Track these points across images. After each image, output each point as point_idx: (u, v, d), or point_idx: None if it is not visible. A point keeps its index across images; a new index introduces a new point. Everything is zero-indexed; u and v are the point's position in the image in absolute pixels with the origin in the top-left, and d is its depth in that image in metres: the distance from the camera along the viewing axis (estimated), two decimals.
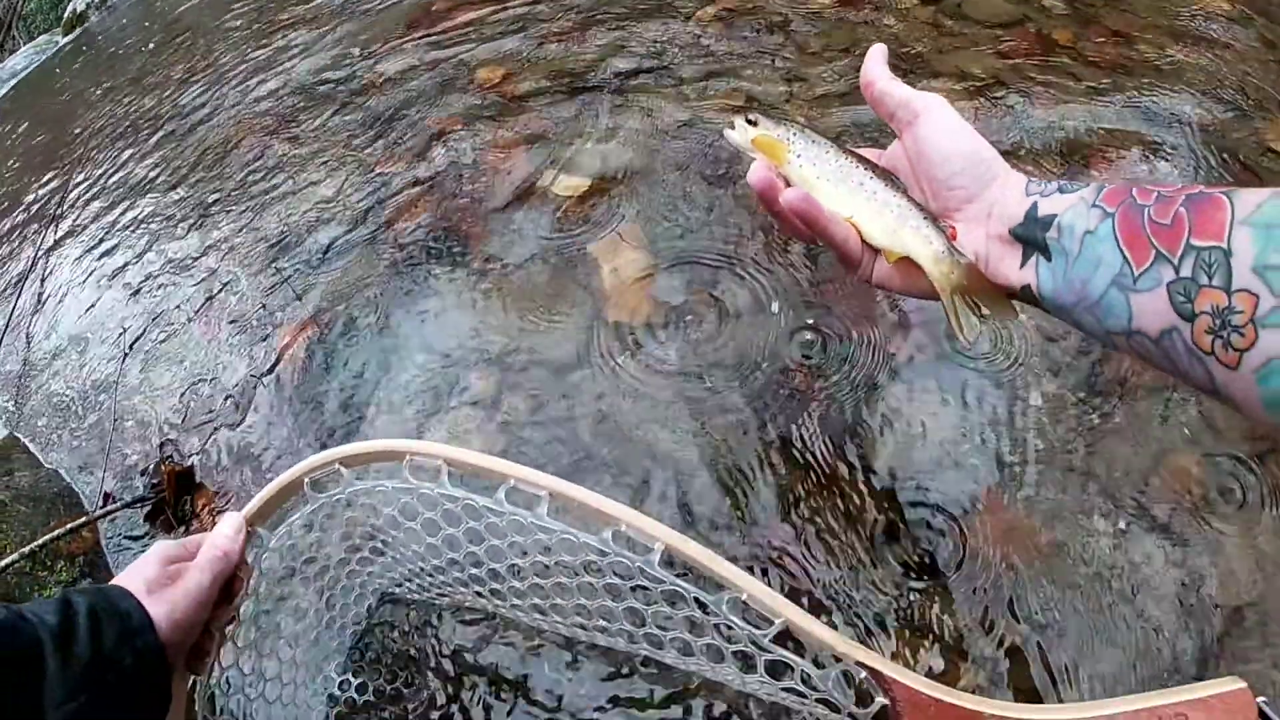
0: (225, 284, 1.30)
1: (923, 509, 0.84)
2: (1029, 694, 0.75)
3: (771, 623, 0.58)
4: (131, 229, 1.58)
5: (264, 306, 1.22)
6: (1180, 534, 0.82)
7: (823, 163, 0.62)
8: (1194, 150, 1.15)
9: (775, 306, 1.01)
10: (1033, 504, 0.84)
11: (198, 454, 1.14)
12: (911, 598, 0.80)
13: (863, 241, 0.62)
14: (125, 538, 1.13)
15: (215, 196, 1.48)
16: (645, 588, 0.64)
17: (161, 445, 1.19)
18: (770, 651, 0.60)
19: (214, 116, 1.76)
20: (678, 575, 0.60)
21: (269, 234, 1.33)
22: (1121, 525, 0.82)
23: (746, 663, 0.65)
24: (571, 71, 1.39)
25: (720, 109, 1.25)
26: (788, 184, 0.63)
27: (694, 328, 1.00)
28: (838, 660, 0.58)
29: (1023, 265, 0.55)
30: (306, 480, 0.68)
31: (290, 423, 1.08)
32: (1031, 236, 0.54)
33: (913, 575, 0.81)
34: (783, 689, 0.64)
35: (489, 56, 1.50)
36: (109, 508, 1.14)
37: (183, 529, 1.10)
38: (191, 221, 1.49)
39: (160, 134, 1.82)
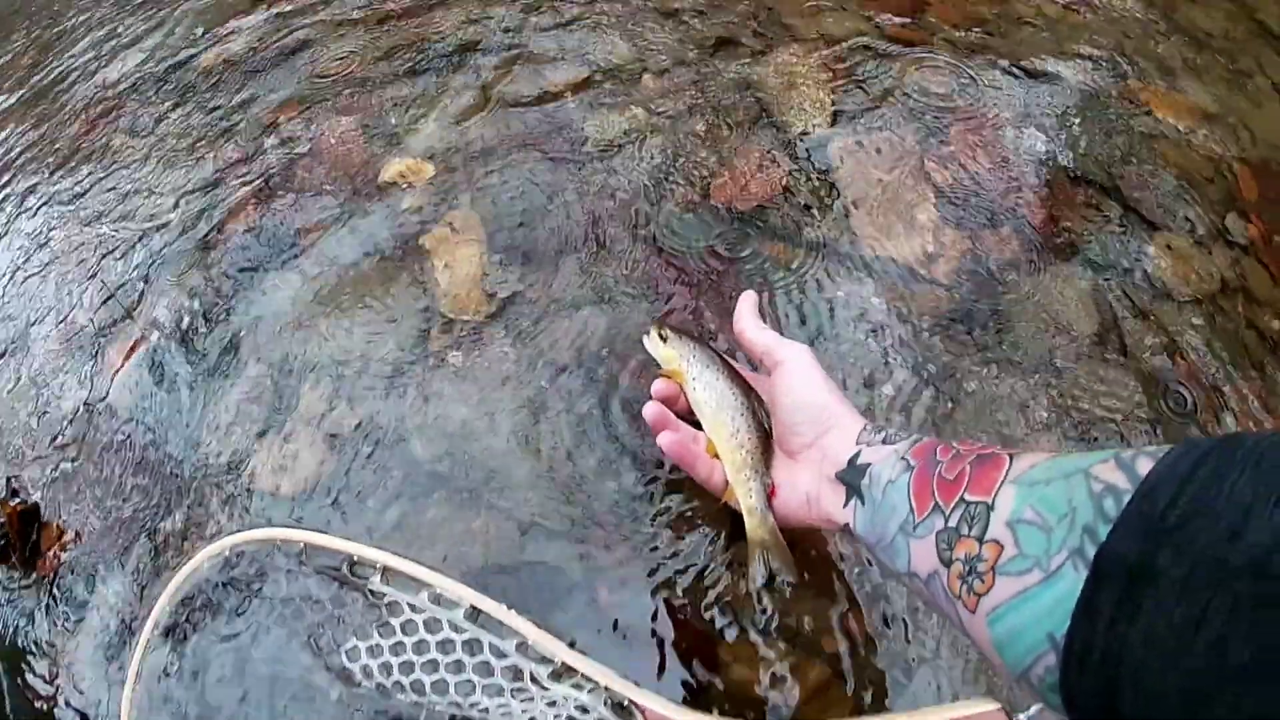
0: (58, 300, 1.20)
1: None
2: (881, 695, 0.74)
3: (552, 662, 0.69)
4: None
5: (93, 324, 1.14)
6: None
7: (710, 390, 0.71)
8: (1068, 114, 1.13)
9: (622, 300, 0.96)
10: None
11: (42, 488, 1.06)
12: (774, 603, 0.77)
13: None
14: None
15: (51, 201, 1.37)
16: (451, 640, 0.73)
17: (8, 481, 1.12)
18: (548, 687, 0.69)
19: (56, 112, 1.63)
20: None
21: (101, 242, 1.23)
22: None
23: (527, 698, 0.71)
24: (416, 47, 1.30)
25: (572, 88, 1.18)
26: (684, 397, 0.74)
27: (532, 324, 0.95)
28: (605, 689, 0.67)
29: (845, 505, 0.61)
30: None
31: (125, 452, 1.02)
32: (850, 481, 0.61)
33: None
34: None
35: (332, 34, 1.40)
36: None
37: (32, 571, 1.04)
38: (29, 230, 1.38)
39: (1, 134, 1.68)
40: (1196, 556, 0.34)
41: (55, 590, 0.99)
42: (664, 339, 0.76)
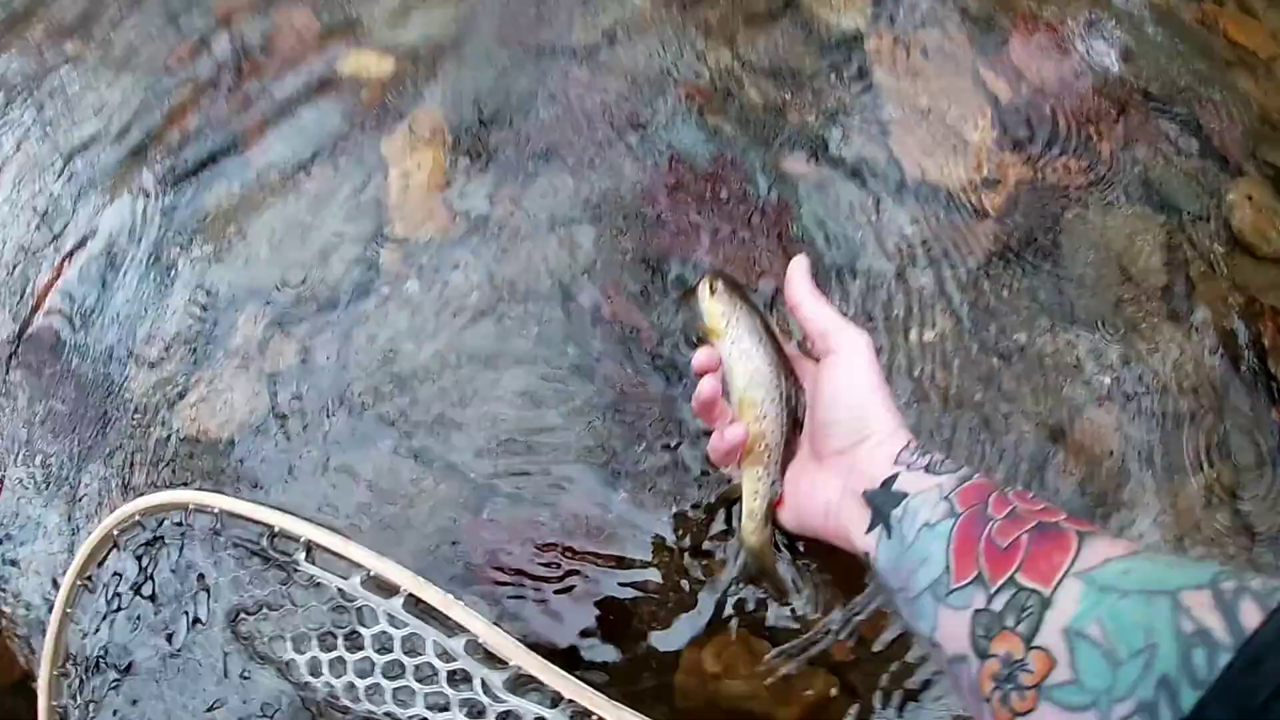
0: None
1: None
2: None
3: (507, 667, 0.59)
4: None
5: (24, 248, 1.01)
6: None
7: (746, 360, 0.62)
8: (1142, 27, 0.95)
9: (609, 219, 0.81)
10: None
11: None
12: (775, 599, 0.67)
13: None
14: None
15: None
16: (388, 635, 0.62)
17: None
18: (503, 699, 0.60)
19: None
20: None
21: (38, 156, 1.08)
22: None
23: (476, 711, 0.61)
24: None
25: None
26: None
27: (500, 246, 0.80)
28: (569, 703, 0.58)
29: (868, 531, 0.52)
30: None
31: (50, 391, 0.90)
32: (880, 505, 0.52)
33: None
34: None
35: None
36: None
37: None
38: None
39: None
40: None
41: None
42: (712, 291, 0.66)
